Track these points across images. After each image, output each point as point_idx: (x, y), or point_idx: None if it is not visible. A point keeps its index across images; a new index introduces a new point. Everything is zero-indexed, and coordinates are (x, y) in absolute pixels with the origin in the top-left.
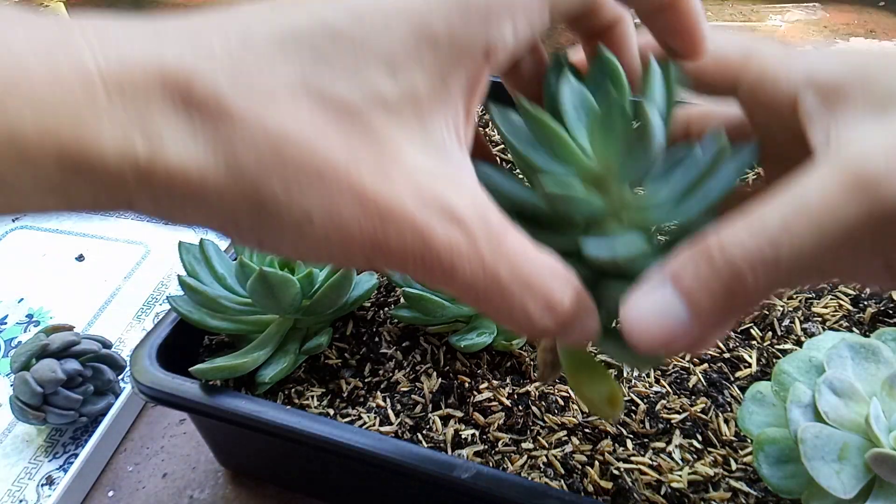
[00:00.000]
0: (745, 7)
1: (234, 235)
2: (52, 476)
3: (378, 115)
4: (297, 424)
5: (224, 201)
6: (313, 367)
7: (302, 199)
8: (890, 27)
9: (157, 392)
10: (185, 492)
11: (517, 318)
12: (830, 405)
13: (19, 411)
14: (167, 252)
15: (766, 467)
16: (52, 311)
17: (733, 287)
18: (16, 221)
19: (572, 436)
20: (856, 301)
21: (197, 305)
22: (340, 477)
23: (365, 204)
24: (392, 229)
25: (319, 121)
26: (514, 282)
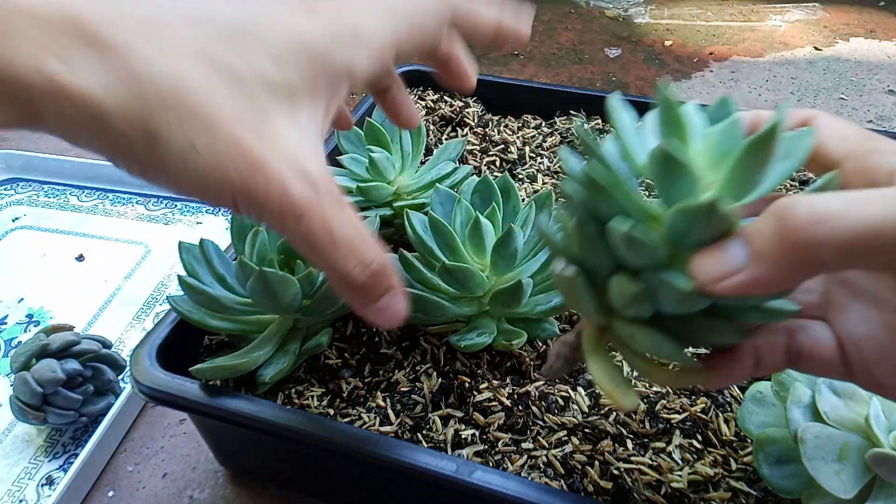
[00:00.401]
0: (745, 7)
1: (124, 161)
2: (52, 476)
3: (261, 90)
4: (297, 424)
5: (122, 126)
6: (313, 367)
7: (190, 135)
8: (890, 27)
9: (157, 392)
10: (185, 492)
11: (338, 268)
12: (830, 405)
13: (19, 411)
14: (167, 252)
15: (766, 467)
16: (52, 311)
17: (790, 240)
18: (16, 221)
19: (572, 436)
20: None
21: (197, 305)
22: (340, 477)
23: (242, 153)
24: (260, 177)
25: (214, 81)
26: (342, 238)
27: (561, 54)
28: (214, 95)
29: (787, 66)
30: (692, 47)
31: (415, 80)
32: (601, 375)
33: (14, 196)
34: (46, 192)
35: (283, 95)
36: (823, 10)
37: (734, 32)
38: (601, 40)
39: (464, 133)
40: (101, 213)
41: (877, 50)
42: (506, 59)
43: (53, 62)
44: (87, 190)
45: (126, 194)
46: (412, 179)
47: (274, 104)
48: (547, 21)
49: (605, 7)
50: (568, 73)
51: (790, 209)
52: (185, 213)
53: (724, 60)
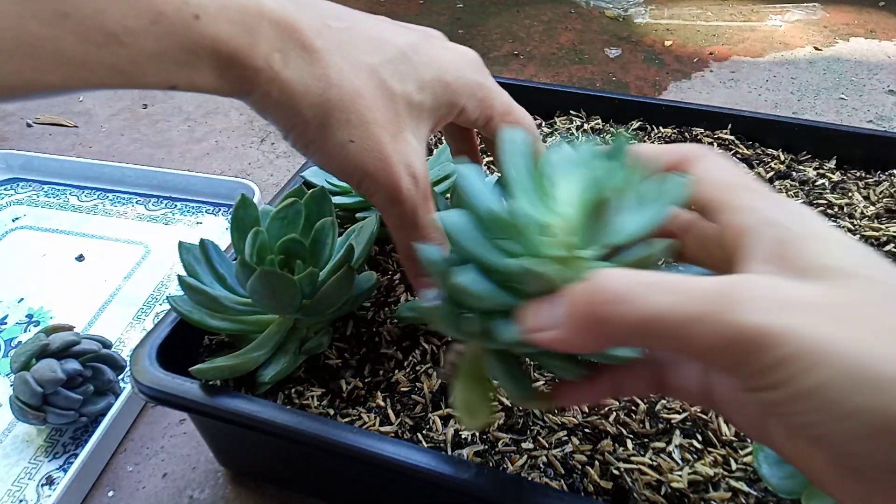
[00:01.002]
0: (745, 7)
1: (296, 136)
2: (52, 476)
3: (404, 107)
4: (297, 424)
5: (307, 113)
6: (313, 367)
7: (352, 131)
8: (890, 27)
9: (157, 392)
10: (185, 492)
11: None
12: None
13: (19, 411)
14: (167, 252)
15: (766, 467)
16: (52, 311)
17: (592, 312)
18: (16, 221)
19: (572, 436)
20: None
21: (197, 305)
22: (340, 477)
23: (380, 151)
24: (385, 170)
25: (377, 96)
26: (423, 224)
27: (561, 54)
28: (375, 106)
29: (787, 66)
30: (692, 47)
31: None
32: (457, 394)
33: (14, 196)
34: (46, 192)
35: (416, 113)
36: (823, 10)
37: (734, 32)
38: (601, 40)
39: None
40: (101, 213)
41: (877, 50)
42: (506, 59)
43: (277, 56)
44: (87, 190)
45: (126, 194)
46: None
47: (408, 119)
48: (547, 21)
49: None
50: (568, 73)
51: (600, 283)
52: (185, 213)
53: (724, 60)
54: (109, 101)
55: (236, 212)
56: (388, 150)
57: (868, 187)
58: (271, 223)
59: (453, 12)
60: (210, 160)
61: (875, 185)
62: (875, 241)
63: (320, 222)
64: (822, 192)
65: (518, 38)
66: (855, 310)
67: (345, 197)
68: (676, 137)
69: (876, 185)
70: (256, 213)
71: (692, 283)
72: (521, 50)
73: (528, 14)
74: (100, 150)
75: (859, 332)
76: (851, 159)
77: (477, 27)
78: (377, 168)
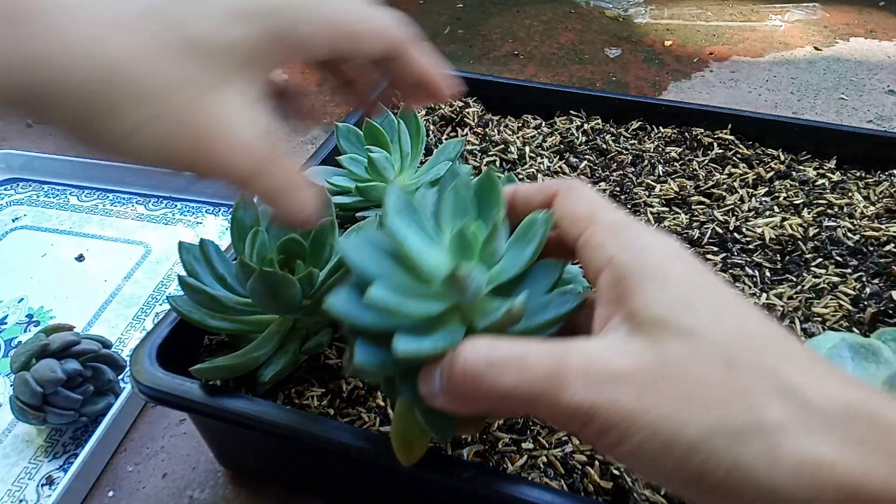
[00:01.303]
0: (745, 7)
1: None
2: (52, 476)
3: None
4: (297, 424)
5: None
6: (313, 367)
7: (126, 113)
8: (890, 27)
9: (157, 392)
10: (185, 492)
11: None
12: None
13: (19, 411)
14: (167, 252)
15: None
16: (53, 311)
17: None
18: (16, 221)
19: (572, 436)
20: (856, 301)
21: (197, 305)
22: (340, 477)
23: (187, 129)
24: (205, 151)
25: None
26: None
27: (561, 54)
28: (156, 69)
29: (787, 66)
30: (692, 47)
31: None
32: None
33: (14, 196)
34: (46, 192)
35: (228, 58)
36: (823, 10)
37: (734, 32)
38: (601, 40)
39: (464, 133)
40: (101, 213)
41: (877, 50)
42: (506, 59)
43: None
44: (87, 190)
45: (126, 194)
46: (411, 179)
47: (224, 71)
48: (547, 21)
49: (605, 7)
50: (568, 73)
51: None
52: (185, 213)
53: (724, 60)
54: None
55: (236, 212)
56: (199, 123)
57: (868, 187)
58: (271, 223)
59: (453, 12)
60: None
61: (875, 185)
62: (875, 241)
63: (320, 222)
64: (822, 192)
65: (518, 38)
66: (664, 376)
67: (345, 197)
68: (676, 137)
69: (876, 185)
70: (256, 213)
71: (532, 362)
72: (521, 50)
73: (528, 14)
74: None
75: (664, 401)
76: (851, 159)
77: (477, 27)
78: (194, 152)
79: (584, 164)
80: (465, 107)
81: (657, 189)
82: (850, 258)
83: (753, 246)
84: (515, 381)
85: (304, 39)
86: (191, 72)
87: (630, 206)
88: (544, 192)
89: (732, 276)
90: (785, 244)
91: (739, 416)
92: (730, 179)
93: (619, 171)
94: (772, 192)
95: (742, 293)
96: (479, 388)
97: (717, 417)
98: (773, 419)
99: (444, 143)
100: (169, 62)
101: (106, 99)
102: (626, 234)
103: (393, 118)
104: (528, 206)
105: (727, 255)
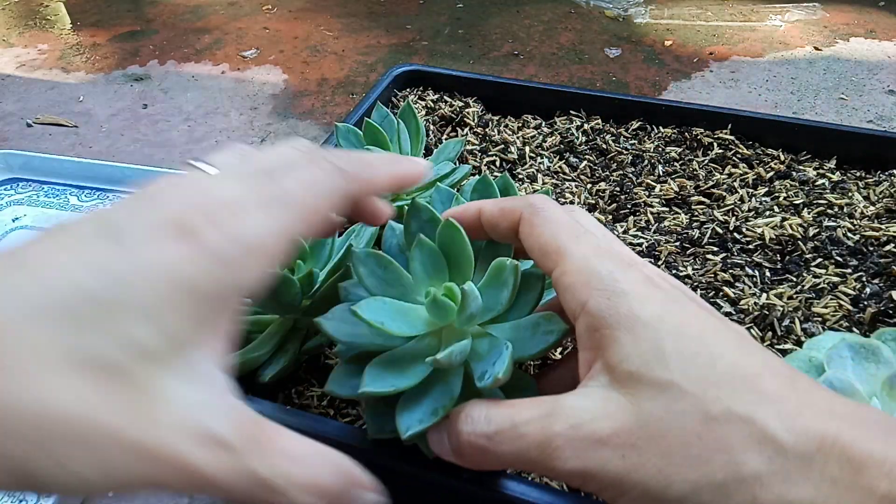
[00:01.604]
0: (745, 7)
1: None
2: None
3: (139, 364)
4: (297, 424)
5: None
6: (313, 367)
7: (71, 466)
8: (890, 27)
9: None
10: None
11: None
12: None
13: None
14: None
15: None
16: None
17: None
18: (16, 221)
19: None
20: (856, 301)
21: None
22: None
23: (135, 453)
24: (166, 468)
25: (83, 387)
26: (287, 483)
27: (561, 54)
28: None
29: (787, 66)
30: (692, 47)
31: (414, 79)
32: None
33: (14, 196)
34: (46, 192)
35: (168, 354)
36: (823, 10)
37: (734, 32)
38: (601, 40)
39: (464, 133)
40: None
41: (877, 50)
42: (506, 59)
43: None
44: (87, 190)
45: (126, 194)
46: None
47: (159, 371)
48: (547, 21)
49: (605, 7)
50: (568, 73)
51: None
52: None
53: (724, 60)
54: (109, 101)
55: None
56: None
57: (868, 187)
58: None
59: (453, 12)
60: None
61: (875, 185)
62: (875, 241)
63: None
64: (822, 192)
65: (518, 38)
66: (645, 436)
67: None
68: (676, 137)
69: (876, 185)
70: None
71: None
72: (521, 50)
73: (528, 14)
74: (100, 150)
75: (648, 460)
76: (851, 159)
77: (477, 27)
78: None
79: (584, 164)
80: (465, 107)
81: (657, 189)
82: (850, 258)
83: (753, 246)
84: (514, 450)
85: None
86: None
87: (630, 205)
88: (507, 216)
89: (732, 275)
90: (785, 244)
91: (719, 472)
92: (730, 179)
93: (619, 171)
94: (772, 192)
95: (742, 293)
96: (485, 458)
97: (700, 474)
98: (750, 471)
99: (444, 143)
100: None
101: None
102: (595, 274)
103: (392, 118)
104: (494, 229)
105: (727, 255)
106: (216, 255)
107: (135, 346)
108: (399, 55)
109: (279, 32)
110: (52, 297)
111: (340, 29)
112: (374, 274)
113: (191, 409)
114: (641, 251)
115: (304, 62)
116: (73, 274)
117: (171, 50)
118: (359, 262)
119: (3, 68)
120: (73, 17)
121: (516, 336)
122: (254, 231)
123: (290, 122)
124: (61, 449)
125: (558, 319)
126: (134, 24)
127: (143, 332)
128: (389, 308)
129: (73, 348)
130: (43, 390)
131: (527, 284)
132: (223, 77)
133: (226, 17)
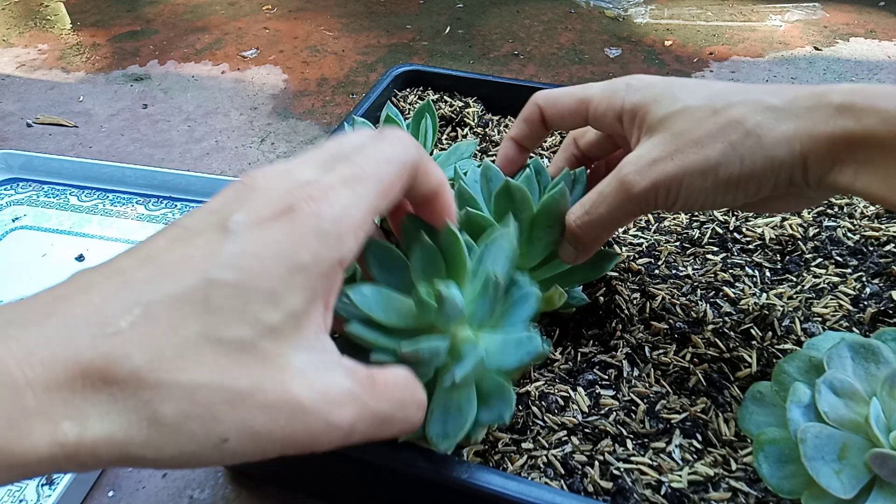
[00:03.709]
0: (745, 7)
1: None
2: (52, 476)
3: (267, 340)
4: None
5: (149, 450)
6: None
7: (217, 428)
8: (890, 27)
9: None
10: (185, 492)
11: (407, 427)
12: (830, 405)
13: None
14: None
15: (766, 467)
16: None
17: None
18: (16, 221)
19: (572, 436)
20: (856, 301)
21: None
22: (340, 477)
23: (273, 412)
24: (299, 424)
25: (222, 362)
26: (396, 409)
27: (561, 54)
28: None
29: (787, 66)
30: (692, 47)
31: (414, 79)
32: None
33: (14, 196)
34: (46, 192)
35: (289, 328)
36: (823, 10)
37: (734, 32)
38: (601, 40)
39: (464, 133)
40: (101, 213)
41: (877, 50)
42: (506, 59)
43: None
44: (87, 190)
45: (126, 194)
46: None
47: (283, 345)
48: (547, 21)
49: (605, 7)
50: (568, 73)
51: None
52: (185, 213)
53: (724, 60)
54: (109, 101)
55: None
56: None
57: None
58: None
59: (453, 12)
60: (210, 160)
61: None
62: (875, 241)
63: None
64: None
65: (518, 38)
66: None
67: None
68: None
69: None
70: None
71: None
72: (521, 50)
73: (528, 14)
74: (100, 150)
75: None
76: None
77: (477, 27)
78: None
79: None
80: (465, 107)
81: None
82: (850, 258)
83: (753, 246)
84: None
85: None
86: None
87: None
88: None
89: (732, 275)
90: (785, 244)
91: (734, 134)
92: None
93: None
94: None
95: (742, 293)
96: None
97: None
98: (752, 122)
99: (456, 144)
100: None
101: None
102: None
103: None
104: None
105: (727, 255)
106: (318, 234)
107: (262, 325)
108: (399, 55)
109: (279, 32)
110: (184, 287)
111: (340, 29)
112: (380, 263)
113: (318, 372)
114: (642, 251)
115: (304, 62)
116: (198, 265)
117: (171, 50)
118: (369, 251)
119: (3, 68)
120: (73, 17)
121: (500, 348)
122: (344, 209)
123: (290, 122)
124: (207, 412)
125: (539, 342)
126: (134, 24)
127: (269, 313)
128: (383, 298)
129: (210, 330)
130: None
131: (523, 300)
132: (223, 77)
133: (226, 17)
